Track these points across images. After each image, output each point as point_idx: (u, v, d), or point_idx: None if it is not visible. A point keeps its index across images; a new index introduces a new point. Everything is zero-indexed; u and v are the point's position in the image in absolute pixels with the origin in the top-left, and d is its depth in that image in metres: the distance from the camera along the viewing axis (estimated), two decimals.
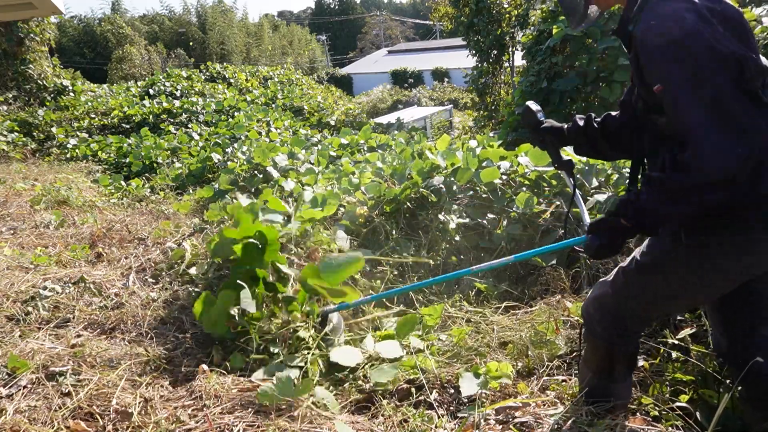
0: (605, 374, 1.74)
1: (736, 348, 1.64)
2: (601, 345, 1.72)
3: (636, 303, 1.65)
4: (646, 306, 1.66)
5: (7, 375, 2.04)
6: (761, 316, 1.60)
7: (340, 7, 62.40)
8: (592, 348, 1.77)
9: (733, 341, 1.65)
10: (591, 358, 1.79)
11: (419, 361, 2.17)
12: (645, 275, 1.60)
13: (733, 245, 1.44)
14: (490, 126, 14.68)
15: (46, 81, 12.96)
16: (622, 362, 1.73)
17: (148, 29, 37.97)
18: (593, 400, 1.73)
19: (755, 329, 1.60)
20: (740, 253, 1.45)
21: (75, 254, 3.66)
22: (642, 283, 1.61)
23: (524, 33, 11.30)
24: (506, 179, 3.53)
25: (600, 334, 1.71)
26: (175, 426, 1.74)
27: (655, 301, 1.64)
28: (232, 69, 18.21)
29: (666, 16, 1.38)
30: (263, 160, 5.75)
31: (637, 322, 1.71)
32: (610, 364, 1.72)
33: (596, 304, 1.73)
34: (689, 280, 1.54)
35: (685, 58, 1.33)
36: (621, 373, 1.74)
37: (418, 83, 30.58)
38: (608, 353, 1.72)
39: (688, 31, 1.33)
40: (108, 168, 8.23)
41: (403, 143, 7.35)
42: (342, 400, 2.03)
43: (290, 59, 36.85)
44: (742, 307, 1.61)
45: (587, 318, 1.77)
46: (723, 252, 1.46)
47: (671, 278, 1.55)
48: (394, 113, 17.68)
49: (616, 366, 1.72)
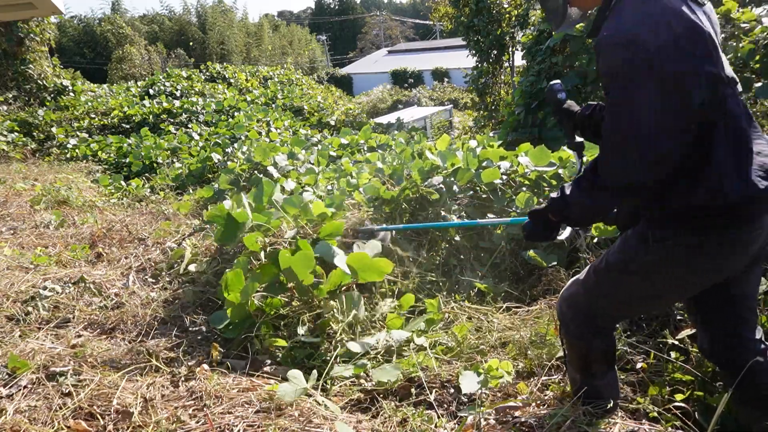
0: (584, 370, 1.77)
1: (718, 347, 1.66)
2: (576, 343, 1.75)
3: (607, 302, 1.68)
4: (617, 305, 1.69)
5: (7, 375, 2.04)
6: (741, 317, 1.63)
7: (340, 7, 62.41)
8: (569, 346, 1.80)
9: (714, 340, 1.67)
10: (571, 357, 1.82)
11: (420, 360, 2.17)
12: (615, 274, 1.62)
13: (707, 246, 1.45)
14: (490, 126, 14.68)
15: (46, 81, 12.96)
16: (599, 359, 1.75)
17: (148, 29, 37.98)
18: (589, 401, 1.74)
19: (736, 329, 1.63)
20: (715, 254, 1.46)
21: (75, 254, 3.66)
22: (612, 283, 1.63)
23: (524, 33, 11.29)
24: (506, 179, 3.53)
25: (573, 332, 1.74)
26: (175, 426, 1.74)
27: (628, 301, 1.66)
28: (232, 69, 18.20)
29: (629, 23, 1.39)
30: (264, 160, 5.75)
31: (608, 320, 1.73)
32: (586, 362, 1.75)
33: (568, 302, 1.76)
34: (660, 280, 1.56)
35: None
36: (600, 370, 1.75)
37: (418, 83, 30.58)
38: (583, 351, 1.74)
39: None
40: (108, 168, 8.23)
41: (403, 143, 7.35)
42: (342, 400, 2.03)
43: (290, 59, 36.84)
44: (722, 307, 1.63)
45: (561, 317, 1.80)
46: (697, 253, 1.46)
47: (641, 278, 1.57)
48: (394, 113, 17.68)
49: (593, 364, 1.75)
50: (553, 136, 7.70)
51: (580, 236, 2.90)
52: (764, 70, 4.39)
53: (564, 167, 3.41)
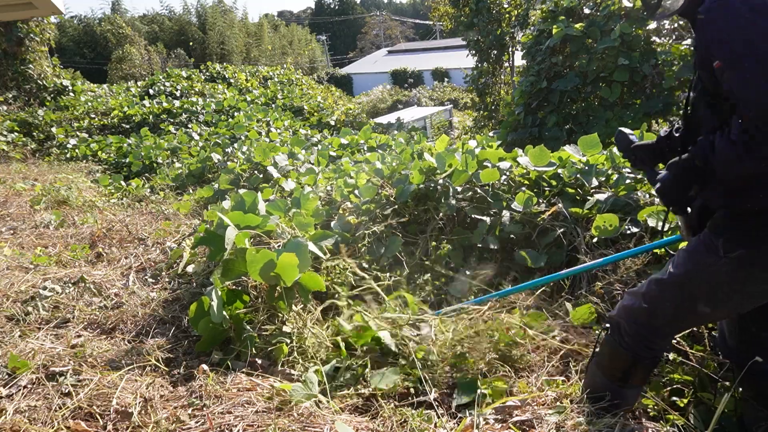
0: (619, 379, 1.75)
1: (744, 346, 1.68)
2: (625, 354, 1.73)
3: (670, 315, 1.65)
4: (680, 318, 1.66)
5: (7, 375, 2.04)
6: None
7: (340, 7, 62.40)
8: (614, 354, 1.77)
9: (743, 339, 1.69)
10: (608, 364, 1.79)
11: (418, 361, 2.18)
12: (680, 287, 1.60)
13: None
14: (490, 126, 14.68)
15: (46, 81, 12.97)
16: (642, 372, 1.74)
17: (148, 29, 37.96)
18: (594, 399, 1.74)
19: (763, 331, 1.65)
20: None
21: (75, 254, 3.66)
22: (676, 295, 1.61)
23: (524, 33, 11.29)
24: (506, 179, 3.53)
25: (627, 344, 1.72)
26: (175, 426, 1.74)
27: (690, 315, 1.64)
28: (232, 69, 18.20)
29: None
30: (264, 160, 5.75)
31: (667, 333, 1.71)
32: (628, 372, 1.73)
33: (627, 314, 1.73)
34: (729, 291, 1.53)
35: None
36: (637, 381, 1.75)
37: (418, 83, 30.58)
38: (631, 363, 1.72)
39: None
40: (108, 168, 8.24)
41: (403, 143, 7.35)
42: (342, 401, 2.04)
43: (290, 59, 36.85)
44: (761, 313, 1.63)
45: (616, 327, 1.77)
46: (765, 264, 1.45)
47: (708, 289, 1.55)
48: (394, 113, 17.68)
49: (635, 375, 1.74)
50: (552, 136, 7.70)
51: (580, 234, 2.90)
52: None
53: (564, 167, 3.41)
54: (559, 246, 3.00)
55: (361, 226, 3.37)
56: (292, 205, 3.49)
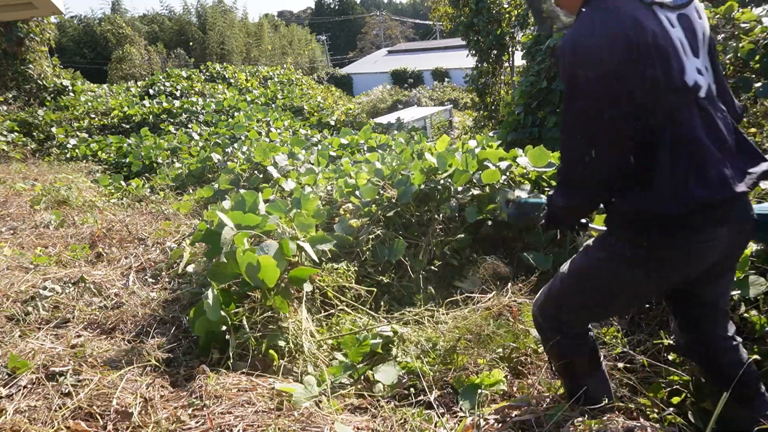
0: (571, 376, 1.79)
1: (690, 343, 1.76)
2: (554, 349, 1.77)
3: (572, 306, 1.71)
4: (581, 309, 1.71)
5: (7, 375, 2.04)
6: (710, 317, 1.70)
7: (340, 7, 62.40)
8: (550, 353, 1.83)
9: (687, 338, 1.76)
10: (555, 363, 1.85)
11: (417, 364, 2.18)
12: (577, 279, 1.67)
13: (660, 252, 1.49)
14: (490, 126, 14.67)
15: (46, 81, 12.97)
16: (580, 362, 1.76)
17: (148, 29, 37.95)
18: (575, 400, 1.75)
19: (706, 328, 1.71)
20: (666, 259, 1.50)
21: (75, 254, 3.66)
22: (575, 287, 1.68)
23: (524, 33, 11.29)
24: (506, 179, 3.53)
25: (548, 337, 1.77)
26: (175, 426, 1.74)
27: (590, 304, 1.69)
28: (232, 69, 18.19)
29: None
30: (264, 160, 5.75)
31: (577, 323, 1.75)
32: (568, 365, 1.78)
33: (539, 308, 1.79)
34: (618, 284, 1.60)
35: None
36: (583, 371, 1.77)
37: (418, 83, 30.56)
38: (560, 354, 1.77)
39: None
40: (108, 168, 8.23)
41: (403, 143, 7.35)
42: (342, 400, 2.04)
43: (290, 59, 36.85)
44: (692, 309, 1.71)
45: (536, 322, 1.83)
46: (649, 258, 1.51)
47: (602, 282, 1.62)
48: (394, 113, 17.67)
49: (575, 366, 1.77)
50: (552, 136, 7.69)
51: (580, 235, 2.91)
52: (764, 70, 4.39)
53: None
54: (561, 246, 3.02)
55: (363, 229, 3.37)
56: (292, 206, 3.49)
